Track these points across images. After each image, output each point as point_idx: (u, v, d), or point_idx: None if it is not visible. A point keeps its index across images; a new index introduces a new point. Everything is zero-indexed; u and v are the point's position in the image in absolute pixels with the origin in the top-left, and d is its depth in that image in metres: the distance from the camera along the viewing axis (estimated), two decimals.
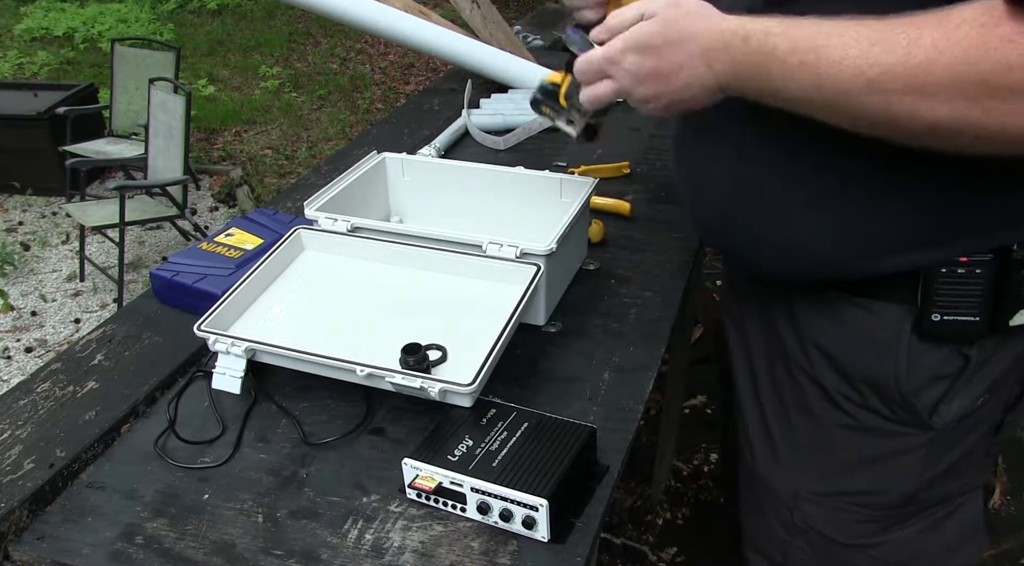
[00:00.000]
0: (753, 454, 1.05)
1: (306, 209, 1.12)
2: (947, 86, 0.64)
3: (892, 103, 0.67)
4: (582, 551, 0.76)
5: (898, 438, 0.92)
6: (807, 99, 0.73)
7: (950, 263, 0.82)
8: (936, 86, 0.65)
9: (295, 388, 0.98)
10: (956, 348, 0.86)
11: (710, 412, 2.69)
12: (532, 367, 1.01)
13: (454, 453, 0.81)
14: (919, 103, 0.66)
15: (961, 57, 0.63)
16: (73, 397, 0.97)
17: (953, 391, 0.88)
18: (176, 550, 0.78)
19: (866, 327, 0.89)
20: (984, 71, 0.63)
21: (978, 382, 0.89)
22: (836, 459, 0.97)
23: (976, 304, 0.83)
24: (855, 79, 0.68)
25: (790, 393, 0.98)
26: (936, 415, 0.90)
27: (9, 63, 6.20)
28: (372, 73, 6.24)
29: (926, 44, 0.65)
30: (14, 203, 4.43)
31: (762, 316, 1.00)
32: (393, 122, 1.81)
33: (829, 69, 0.69)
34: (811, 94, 0.72)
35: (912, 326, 0.86)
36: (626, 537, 2.22)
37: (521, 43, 2.14)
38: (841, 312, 0.90)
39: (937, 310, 0.84)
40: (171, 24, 6.95)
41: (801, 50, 0.71)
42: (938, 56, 0.64)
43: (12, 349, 3.37)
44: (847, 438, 0.95)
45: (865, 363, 0.90)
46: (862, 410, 0.92)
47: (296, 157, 5.00)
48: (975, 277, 0.82)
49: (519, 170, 1.24)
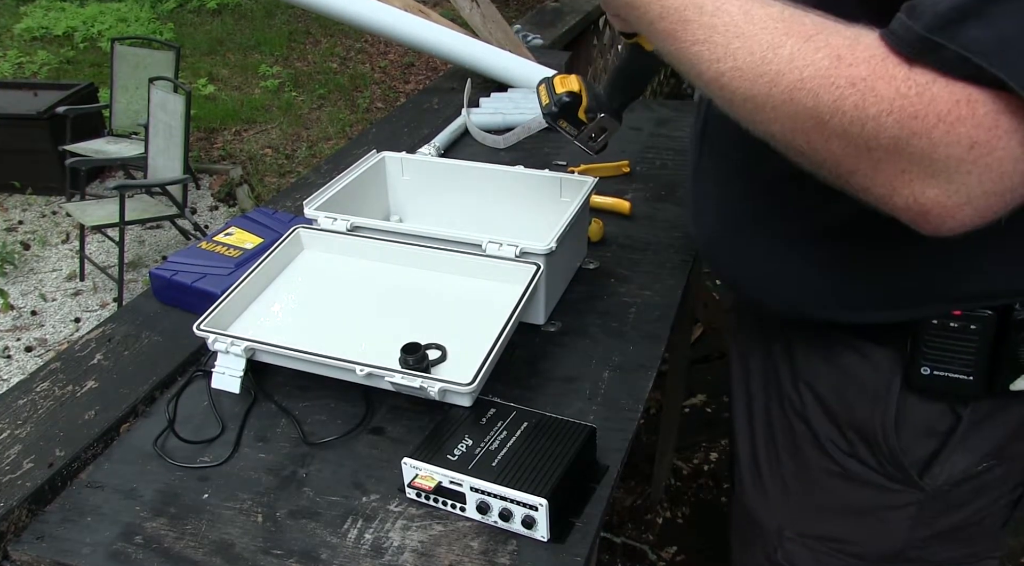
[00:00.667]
0: (743, 486, 1.03)
1: (305, 208, 1.12)
2: (781, 105, 0.60)
3: (735, 103, 0.64)
4: (582, 551, 0.76)
5: (886, 493, 0.88)
6: (671, 62, 0.69)
7: (943, 315, 0.77)
8: (774, 102, 0.61)
9: (295, 387, 0.98)
10: (949, 405, 0.81)
11: (710, 411, 2.69)
12: (532, 366, 1.01)
13: (454, 453, 0.81)
14: (756, 113, 0.63)
15: (804, 82, 0.58)
16: (72, 396, 0.97)
17: (947, 451, 0.83)
18: (175, 550, 0.78)
19: (859, 372, 0.84)
20: (816, 106, 0.58)
21: (976, 445, 0.83)
22: (822, 504, 0.93)
23: (970, 362, 0.77)
24: (708, 66, 0.64)
25: (781, 432, 0.95)
26: (928, 475, 0.85)
27: (9, 62, 6.20)
28: (372, 72, 6.24)
29: (784, 55, 0.60)
30: (14, 202, 4.43)
31: (764, 348, 0.97)
32: (392, 121, 1.81)
33: (688, 46, 0.65)
34: (673, 62, 0.68)
35: (902, 377, 0.81)
36: (626, 536, 2.22)
37: (521, 42, 2.14)
38: (836, 354, 0.86)
39: (927, 363, 0.79)
40: (171, 23, 6.95)
41: (670, 16, 0.66)
42: (788, 73, 0.59)
43: (12, 348, 3.37)
44: (834, 484, 0.91)
45: (855, 411, 0.86)
46: (850, 459, 0.88)
47: (296, 156, 5.00)
48: (969, 333, 0.76)
49: (519, 169, 1.24)
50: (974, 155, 0.54)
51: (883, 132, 0.56)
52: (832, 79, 0.57)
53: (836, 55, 0.58)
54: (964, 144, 0.54)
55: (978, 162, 0.54)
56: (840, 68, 0.57)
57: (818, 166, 0.63)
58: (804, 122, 0.60)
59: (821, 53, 0.58)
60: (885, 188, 0.59)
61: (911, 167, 0.57)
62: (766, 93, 0.61)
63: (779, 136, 0.63)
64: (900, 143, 0.56)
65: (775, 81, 0.60)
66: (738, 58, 0.62)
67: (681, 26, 0.65)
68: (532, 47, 2.23)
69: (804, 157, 0.63)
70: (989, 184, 0.55)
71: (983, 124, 0.54)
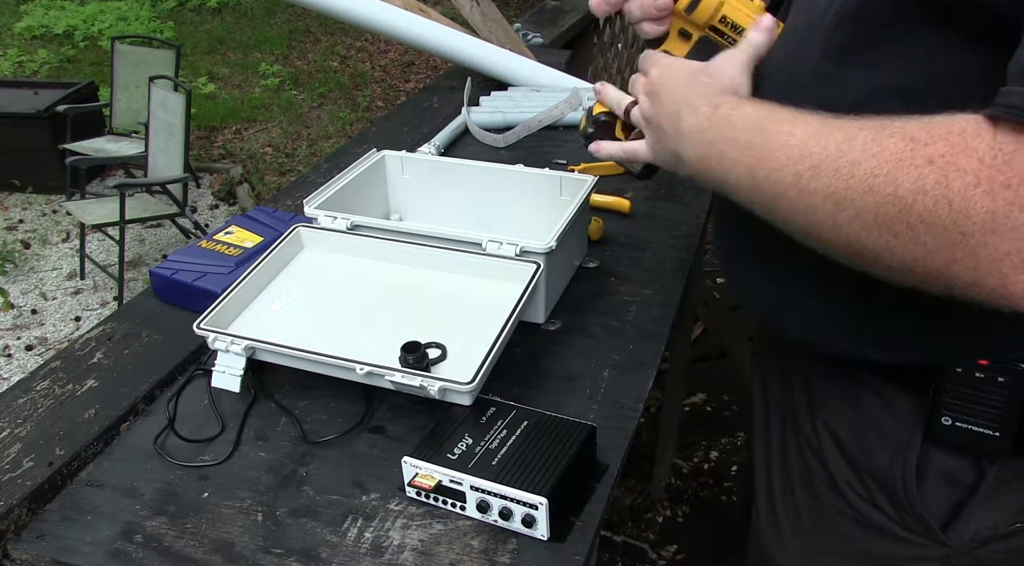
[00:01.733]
0: (759, 522, 0.97)
1: (305, 207, 1.12)
2: (860, 196, 0.57)
3: (816, 207, 0.60)
4: (581, 550, 0.76)
5: (907, 545, 0.81)
6: (740, 188, 0.68)
7: (968, 363, 0.71)
8: (852, 195, 0.57)
9: (295, 386, 0.98)
10: (974, 459, 0.75)
11: (710, 409, 2.69)
12: (532, 365, 1.01)
13: (454, 451, 0.81)
14: (838, 212, 0.59)
15: (880, 167, 0.56)
16: (72, 395, 0.97)
17: (971, 506, 0.76)
18: (175, 549, 0.78)
19: (879, 418, 0.79)
20: (895, 192, 0.55)
21: (1005, 503, 0.76)
22: (838, 549, 0.87)
23: (996, 416, 0.71)
24: (787, 171, 0.62)
25: (797, 469, 0.89)
26: (952, 530, 0.78)
27: (9, 61, 6.20)
28: (372, 71, 6.24)
29: (858, 145, 0.58)
30: (14, 201, 4.43)
31: (783, 379, 0.91)
32: (393, 120, 1.81)
33: (768, 154, 0.63)
34: (745, 185, 0.67)
35: (924, 425, 0.76)
36: (626, 535, 2.22)
37: (521, 41, 2.14)
38: (856, 395, 0.80)
39: (948, 413, 0.73)
40: (171, 22, 6.94)
41: (752, 128, 0.66)
42: (863, 161, 0.57)
43: (12, 347, 3.37)
44: (851, 530, 0.84)
45: (874, 457, 0.80)
46: (868, 506, 0.82)
47: (296, 155, 5.00)
48: (995, 385, 0.70)
49: (519, 168, 1.24)
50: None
51: (973, 207, 0.52)
52: (909, 160, 0.55)
53: (911, 137, 0.55)
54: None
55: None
56: (916, 148, 0.55)
57: (912, 264, 0.57)
58: (887, 211, 0.56)
59: (895, 137, 0.56)
60: (994, 277, 0.53)
61: (1017, 244, 0.51)
62: (844, 187, 0.58)
63: (866, 239, 0.59)
64: (997, 218, 0.51)
65: (852, 172, 0.57)
66: (815, 155, 0.60)
67: (762, 135, 0.65)
68: (532, 46, 2.23)
69: (895, 257, 0.58)
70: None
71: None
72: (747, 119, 0.68)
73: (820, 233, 0.62)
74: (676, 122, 0.75)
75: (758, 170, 0.65)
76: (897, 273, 0.59)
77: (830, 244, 0.62)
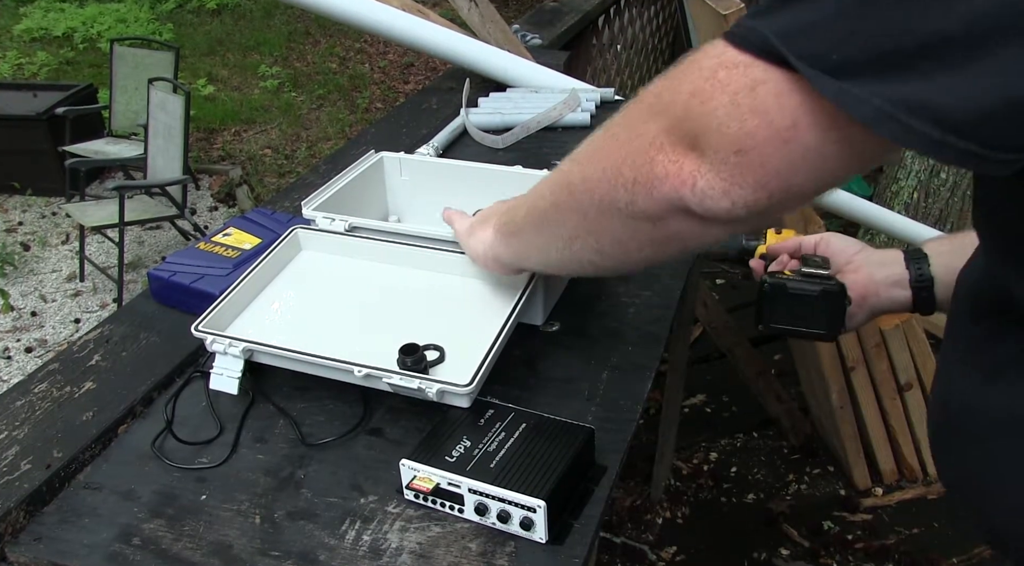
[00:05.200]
0: None
1: (304, 209, 1.12)
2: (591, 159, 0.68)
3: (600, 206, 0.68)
4: (580, 552, 0.76)
5: None
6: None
7: None
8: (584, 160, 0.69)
9: (293, 388, 0.98)
10: None
11: (709, 411, 2.69)
12: (530, 367, 1.01)
13: (452, 454, 0.81)
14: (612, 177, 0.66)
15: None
16: (70, 398, 0.97)
17: None
18: (173, 551, 0.78)
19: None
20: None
21: None
22: None
23: None
24: (557, 180, 0.75)
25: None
26: None
27: (8, 63, 6.20)
28: (371, 72, 6.24)
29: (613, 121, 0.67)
30: (14, 203, 4.43)
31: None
32: (391, 121, 1.80)
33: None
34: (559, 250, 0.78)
35: None
36: (626, 536, 2.22)
37: (519, 42, 2.14)
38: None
39: None
40: (170, 24, 6.94)
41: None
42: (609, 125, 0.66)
43: (12, 349, 3.37)
44: None
45: None
46: None
47: (295, 156, 5.00)
48: None
49: (517, 169, 1.23)
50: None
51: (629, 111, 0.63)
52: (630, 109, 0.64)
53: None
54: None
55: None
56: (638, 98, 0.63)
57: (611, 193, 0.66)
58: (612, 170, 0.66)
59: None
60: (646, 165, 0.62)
61: (656, 126, 0.60)
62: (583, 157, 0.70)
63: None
64: (644, 106, 0.61)
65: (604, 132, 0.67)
66: (580, 160, 0.71)
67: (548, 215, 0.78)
68: (531, 47, 2.23)
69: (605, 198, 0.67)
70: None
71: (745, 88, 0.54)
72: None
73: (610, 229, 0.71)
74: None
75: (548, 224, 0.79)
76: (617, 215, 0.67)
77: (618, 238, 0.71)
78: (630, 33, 3.31)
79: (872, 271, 0.97)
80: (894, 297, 0.96)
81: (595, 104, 1.73)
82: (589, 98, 1.73)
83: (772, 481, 2.43)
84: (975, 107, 0.46)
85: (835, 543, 2.22)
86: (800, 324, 0.94)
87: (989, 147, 0.47)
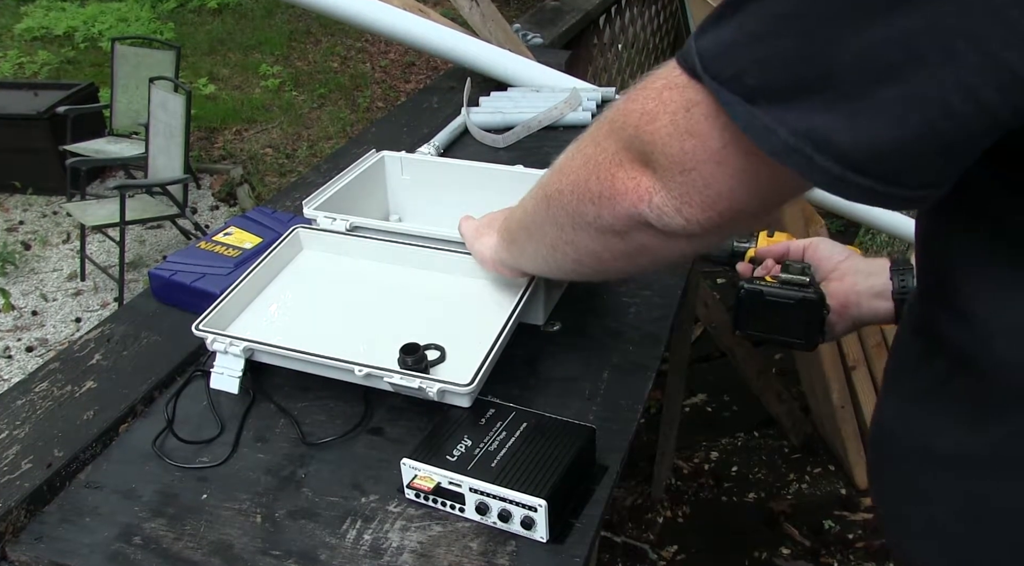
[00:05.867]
0: None
1: (305, 208, 1.12)
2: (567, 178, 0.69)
3: (580, 215, 0.69)
4: (581, 552, 0.76)
5: None
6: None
7: None
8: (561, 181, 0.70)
9: (293, 388, 0.98)
10: None
11: (710, 410, 2.69)
12: (531, 367, 1.01)
13: (453, 453, 0.81)
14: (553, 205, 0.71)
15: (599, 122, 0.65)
16: (71, 397, 0.97)
17: None
18: (174, 550, 0.78)
19: None
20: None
21: None
22: None
23: None
24: (539, 190, 0.76)
25: None
26: None
27: (9, 62, 6.21)
28: (372, 72, 6.24)
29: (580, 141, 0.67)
30: (15, 202, 4.43)
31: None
32: (392, 120, 1.80)
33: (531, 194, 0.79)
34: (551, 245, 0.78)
35: None
36: (626, 535, 2.22)
37: (520, 41, 2.14)
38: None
39: None
40: (171, 23, 6.94)
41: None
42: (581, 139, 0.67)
43: (13, 348, 3.38)
44: None
45: None
46: None
47: (296, 156, 5.00)
48: None
49: (518, 168, 1.23)
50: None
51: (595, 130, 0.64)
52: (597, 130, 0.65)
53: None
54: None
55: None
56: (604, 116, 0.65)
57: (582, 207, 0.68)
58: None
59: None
60: (607, 180, 0.63)
61: (614, 145, 0.61)
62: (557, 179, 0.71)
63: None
64: (604, 126, 0.62)
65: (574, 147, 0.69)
66: (557, 172, 0.72)
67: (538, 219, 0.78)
68: (532, 46, 2.22)
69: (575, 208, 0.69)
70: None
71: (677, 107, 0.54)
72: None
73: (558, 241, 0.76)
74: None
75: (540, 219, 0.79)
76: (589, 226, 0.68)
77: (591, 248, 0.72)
78: (631, 32, 3.30)
79: (856, 280, 0.95)
80: (875, 308, 0.94)
81: (596, 103, 1.73)
82: (590, 97, 1.73)
83: (773, 480, 2.43)
84: (871, 144, 0.46)
85: (836, 542, 2.22)
86: (776, 332, 0.93)
87: (889, 184, 0.47)
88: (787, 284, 0.91)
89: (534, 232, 0.81)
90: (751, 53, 0.48)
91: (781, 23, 0.47)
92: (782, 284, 0.91)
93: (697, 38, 0.52)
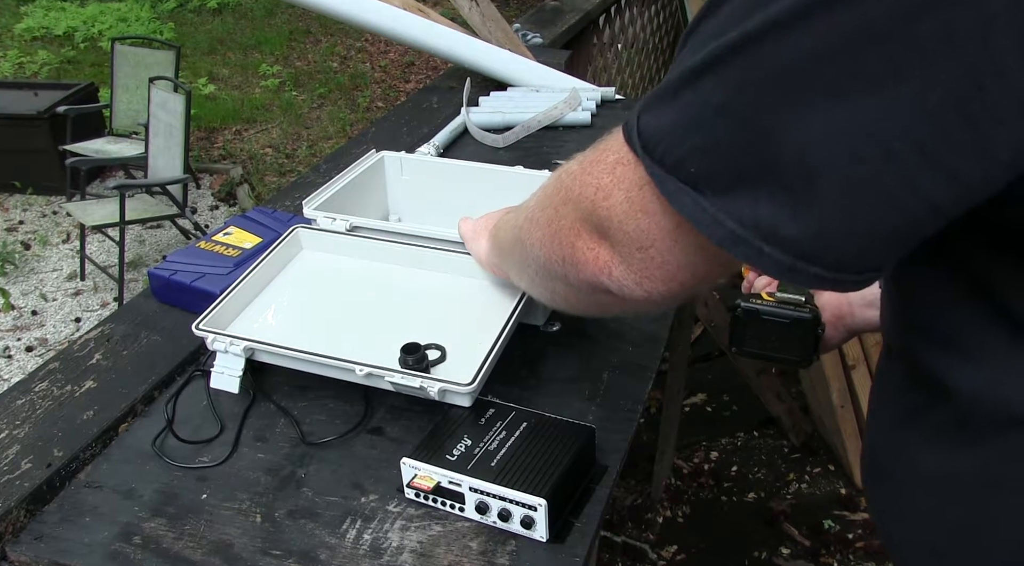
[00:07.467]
0: None
1: (304, 208, 1.12)
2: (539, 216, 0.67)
3: (526, 248, 0.70)
4: (581, 551, 0.76)
5: None
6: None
7: None
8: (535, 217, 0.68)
9: (294, 387, 0.98)
10: None
11: (710, 410, 2.69)
12: (531, 367, 1.01)
13: (453, 453, 0.81)
14: (527, 250, 0.70)
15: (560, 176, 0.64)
16: (71, 396, 0.97)
17: None
18: (174, 550, 0.78)
19: None
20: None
21: None
22: None
23: None
24: (514, 222, 0.76)
25: None
26: None
27: (9, 62, 6.21)
28: (372, 71, 6.24)
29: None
30: (14, 202, 4.43)
31: None
32: (392, 120, 1.80)
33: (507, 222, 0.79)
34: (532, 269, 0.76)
35: None
36: (626, 535, 2.22)
37: (520, 41, 2.14)
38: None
39: None
40: (171, 23, 6.95)
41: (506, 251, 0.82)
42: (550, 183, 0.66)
43: (13, 348, 3.38)
44: None
45: None
46: None
47: (296, 155, 5.00)
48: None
49: (518, 169, 1.23)
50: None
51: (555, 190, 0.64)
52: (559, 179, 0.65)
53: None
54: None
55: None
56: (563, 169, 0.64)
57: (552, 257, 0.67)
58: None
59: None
60: (567, 247, 0.63)
61: (575, 214, 0.61)
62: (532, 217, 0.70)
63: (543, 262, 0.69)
64: (562, 192, 0.62)
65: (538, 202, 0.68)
66: (527, 203, 0.73)
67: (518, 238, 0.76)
68: (531, 46, 2.22)
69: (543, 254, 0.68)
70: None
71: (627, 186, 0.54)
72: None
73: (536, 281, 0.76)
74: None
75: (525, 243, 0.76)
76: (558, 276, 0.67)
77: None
78: (631, 32, 3.30)
79: None
80: (868, 317, 0.95)
81: (596, 103, 1.73)
82: (590, 97, 1.73)
83: (773, 480, 2.43)
84: (814, 234, 0.45)
85: (836, 542, 2.22)
86: (772, 350, 0.94)
87: (836, 270, 0.46)
88: (784, 303, 0.92)
89: (513, 263, 0.81)
90: (691, 140, 0.47)
91: (717, 112, 0.46)
92: (779, 303, 0.92)
93: (640, 115, 0.51)
